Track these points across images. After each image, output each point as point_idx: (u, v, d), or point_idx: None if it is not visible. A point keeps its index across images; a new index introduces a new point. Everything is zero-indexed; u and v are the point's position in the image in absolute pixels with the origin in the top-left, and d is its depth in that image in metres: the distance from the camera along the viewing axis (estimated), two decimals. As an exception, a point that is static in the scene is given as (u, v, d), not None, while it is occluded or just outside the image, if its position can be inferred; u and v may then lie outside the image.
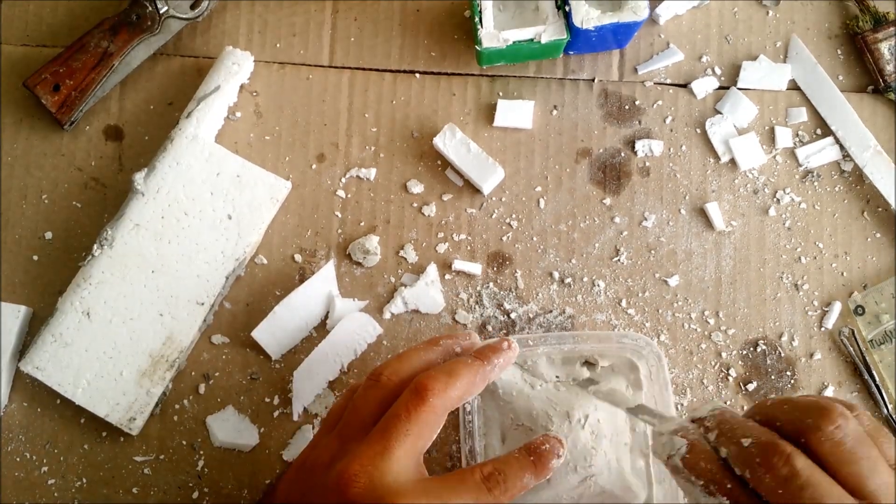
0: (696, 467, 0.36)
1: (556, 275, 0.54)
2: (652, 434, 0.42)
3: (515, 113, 0.55)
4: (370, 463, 0.38)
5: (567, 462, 0.46)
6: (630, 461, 0.48)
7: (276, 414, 0.52)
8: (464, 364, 0.42)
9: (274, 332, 0.52)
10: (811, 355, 0.53)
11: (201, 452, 0.52)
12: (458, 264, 0.53)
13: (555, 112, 0.55)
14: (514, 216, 0.54)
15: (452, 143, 0.53)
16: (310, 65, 0.56)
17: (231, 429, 0.52)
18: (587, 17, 0.50)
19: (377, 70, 0.56)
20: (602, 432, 0.47)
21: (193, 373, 0.53)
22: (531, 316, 0.53)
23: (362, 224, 0.54)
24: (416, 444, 0.39)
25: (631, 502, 0.47)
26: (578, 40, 0.52)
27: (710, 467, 0.36)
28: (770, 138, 0.55)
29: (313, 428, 0.52)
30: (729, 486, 0.35)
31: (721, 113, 0.55)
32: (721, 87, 0.56)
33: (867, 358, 0.52)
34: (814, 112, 0.55)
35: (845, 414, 0.34)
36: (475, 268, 0.54)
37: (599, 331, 0.53)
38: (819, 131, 0.55)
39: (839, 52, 0.56)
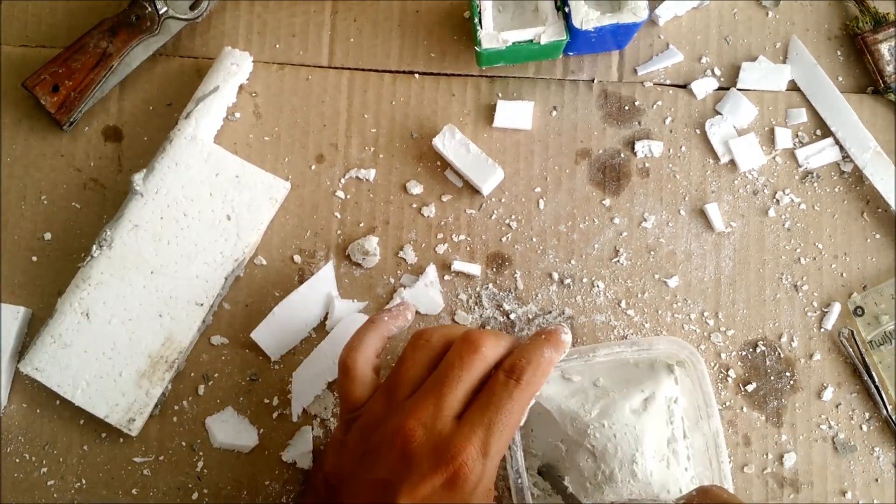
0: None
1: (556, 275, 0.54)
2: None
3: (515, 114, 0.55)
4: (426, 415, 0.40)
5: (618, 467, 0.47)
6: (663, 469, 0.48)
7: (275, 415, 0.52)
8: (508, 334, 0.44)
9: (273, 332, 0.52)
10: (810, 356, 0.53)
11: (201, 453, 0.52)
12: (458, 265, 0.53)
13: (554, 113, 0.55)
14: (513, 217, 0.54)
15: (452, 143, 0.53)
16: (309, 65, 0.56)
17: (230, 430, 0.52)
18: (587, 17, 0.50)
19: (376, 71, 0.56)
20: (643, 438, 0.47)
21: (193, 374, 0.53)
22: (530, 317, 0.53)
23: (361, 225, 0.54)
24: (468, 392, 0.41)
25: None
26: (578, 41, 0.52)
27: None
28: (770, 139, 0.55)
29: (313, 429, 0.52)
30: None
31: (721, 114, 0.55)
32: (721, 88, 0.56)
33: (867, 359, 0.52)
34: (813, 113, 0.55)
35: None
36: (474, 269, 0.54)
37: (633, 337, 0.53)
38: (819, 132, 0.55)
39: (839, 52, 0.56)
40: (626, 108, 0.55)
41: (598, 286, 0.54)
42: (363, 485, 0.41)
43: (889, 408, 0.52)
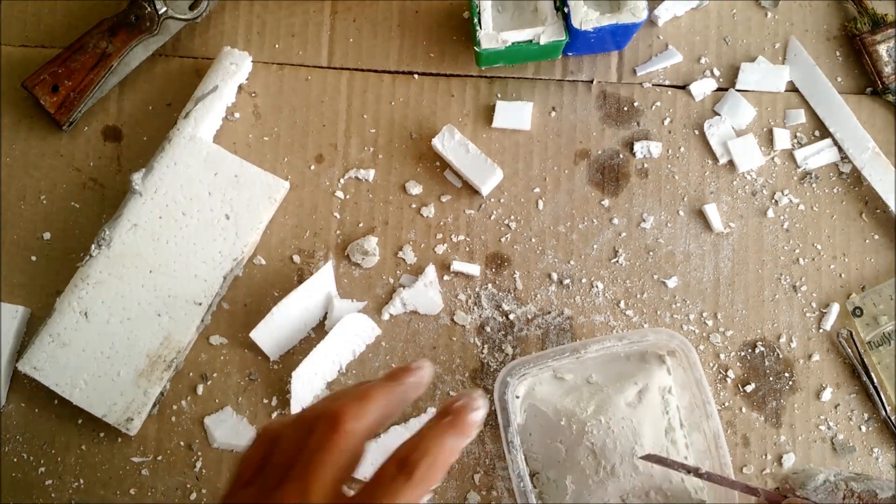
0: None
1: (555, 276, 0.54)
2: None
3: (514, 114, 0.55)
4: None
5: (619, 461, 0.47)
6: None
7: (274, 415, 0.52)
8: (375, 387, 0.38)
9: (272, 332, 0.52)
10: (809, 357, 0.53)
11: (199, 453, 0.52)
12: (457, 265, 0.53)
13: (553, 113, 0.55)
14: (512, 217, 0.54)
15: (451, 144, 0.53)
16: (308, 66, 0.56)
17: (229, 429, 0.52)
18: (586, 18, 0.50)
19: (376, 71, 0.56)
20: (641, 430, 0.47)
21: (191, 373, 0.53)
22: (529, 317, 0.53)
23: (361, 225, 0.54)
24: (339, 477, 0.35)
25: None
26: (577, 42, 0.52)
27: None
28: (768, 140, 0.55)
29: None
30: None
31: (719, 114, 0.55)
32: (719, 89, 0.56)
33: (865, 360, 0.52)
34: (812, 114, 0.55)
35: None
36: (474, 269, 0.54)
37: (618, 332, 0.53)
38: (817, 133, 0.55)
39: (838, 53, 0.56)
40: (625, 108, 0.55)
41: (597, 286, 0.54)
42: None
43: (888, 408, 0.52)
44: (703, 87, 0.55)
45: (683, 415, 0.49)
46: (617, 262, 0.54)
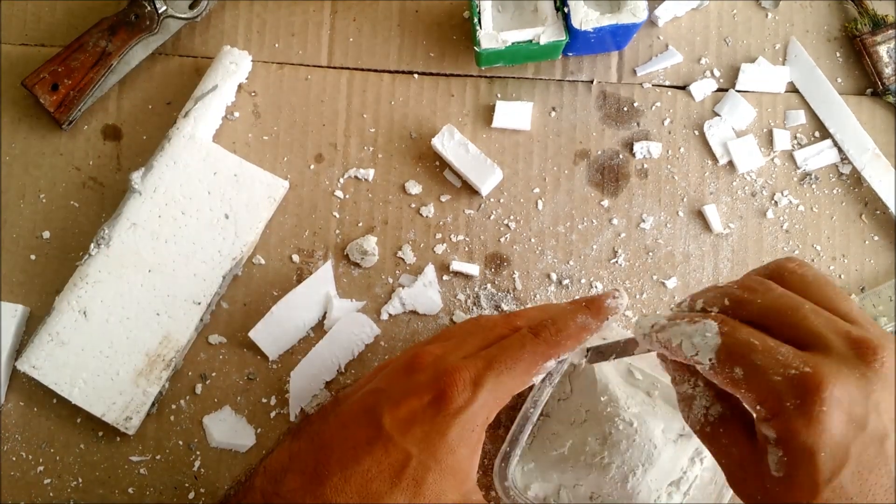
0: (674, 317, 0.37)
1: (554, 276, 0.54)
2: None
3: (514, 114, 0.55)
4: (440, 350, 0.42)
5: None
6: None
7: (273, 414, 0.52)
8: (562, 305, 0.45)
9: (271, 332, 0.52)
10: (809, 358, 0.53)
11: (198, 453, 0.52)
12: (456, 265, 0.53)
13: (553, 113, 0.55)
14: (512, 217, 0.54)
15: (451, 144, 0.53)
16: (308, 65, 0.56)
17: (228, 429, 0.52)
18: (586, 18, 0.50)
19: (376, 71, 0.56)
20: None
21: (190, 373, 0.53)
22: (529, 317, 0.53)
23: (360, 224, 0.54)
24: (488, 344, 0.42)
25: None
26: (577, 42, 0.52)
27: (691, 307, 0.38)
28: (768, 141, 0.55)
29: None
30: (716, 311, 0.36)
31: (719, 115, 0.55)
32: (720, 90, 0.56)
33: (865, 361, 0.52)
34: (812, 115, 0.55)
35: (798, 261, 0.37)
36: (473, 269, 0.54)
37: None
38: (817, 134, 0.55)
39: (838, 54, 0.56)
40: (625, 109, 0.55)
41: (596, 287, 0.54)
42: (366, 392, 0.42)
43: (887, 410, 0.52)
44: (703, 88, 0.55)
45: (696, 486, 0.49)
46: (616, 262, 0.54)
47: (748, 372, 0.33)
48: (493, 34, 0.51)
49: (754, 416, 0.35)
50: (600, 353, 0.47)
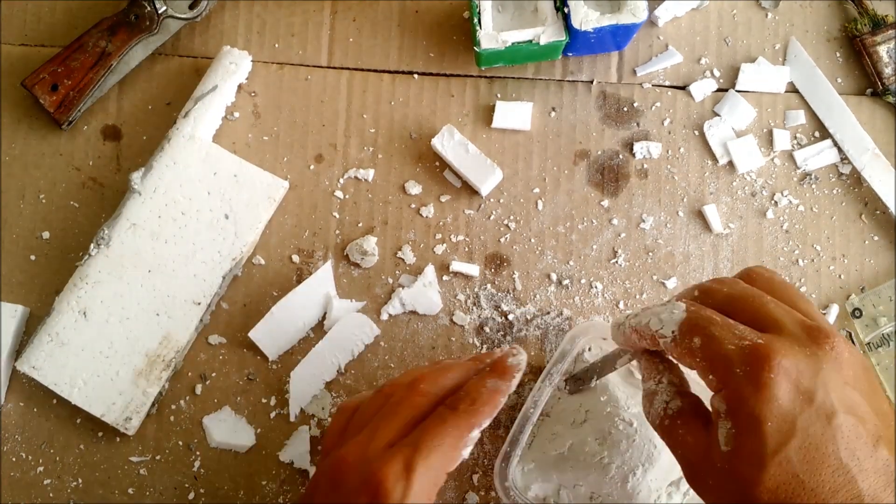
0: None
1: (554, 276, 0.54)
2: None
3: (514, 114, 0.55)
4: (360, 445, 0.39)
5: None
6: None
7: (272, 415, 0.52)
8: (457, 362, 0.43)
9: (271, 332, 0.52)
10: (809, 358, 0.53)
11: (198, 453, 0.52)
12: (456, 265, 0.53)
13: (553, 114, 0.55)
14: (512, 217, 0.54)
15: (451, 144, 0.53)
16: (308, 65, 0.56)
17: (228, 429, 0.52)
18: (586, 18, 0.50)
19: (376, 71, 0.56)
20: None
21: (190, 373, 0.53)
22: (529, 318, 0.53)
23: (360, 225, 0.54)
24: (406, 425, 0.40)
25: None
26: (577, 42, 0.52)
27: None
28: (768, 141, 0.55)
29: (310, 429, 0.52)
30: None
31: (719, 115, 0.55)
32: (719, 90, 0.56)
33: (865, 361, 0.52)
34: (812, 115, 0.55)
35: (768, 268, 0.39)
36: (473, 269, 0.54)
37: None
38: (817, 134, 0.55)
39: (838, 54, 0.56)
40: (625, 109, 0.55)
41: (596, 287, 0.54)
42: None
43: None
44: (703, 88, 0.55)
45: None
46: (616, 262, 0.54)
47: (704, 341, 0.35)
48: (493, 34, 0.51)
49: (708, 388, 0.36)
50: (579, 381, 0.48)
